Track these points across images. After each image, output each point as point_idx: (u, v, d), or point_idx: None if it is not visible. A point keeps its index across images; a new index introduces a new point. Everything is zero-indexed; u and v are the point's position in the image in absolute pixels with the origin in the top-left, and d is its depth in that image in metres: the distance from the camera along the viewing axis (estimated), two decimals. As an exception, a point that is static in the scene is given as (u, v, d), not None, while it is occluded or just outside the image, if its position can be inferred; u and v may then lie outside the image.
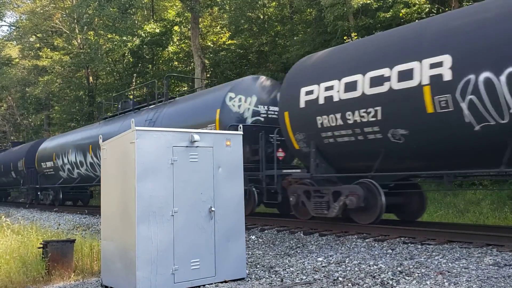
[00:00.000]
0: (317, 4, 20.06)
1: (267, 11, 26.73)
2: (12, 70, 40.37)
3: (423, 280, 5.22)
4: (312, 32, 21.60)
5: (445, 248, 7.03)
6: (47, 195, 23.09)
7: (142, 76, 30.14)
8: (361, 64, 8.73)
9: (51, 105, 40.17)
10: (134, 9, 26.45)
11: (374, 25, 17.68)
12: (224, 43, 28.99)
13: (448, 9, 16.85)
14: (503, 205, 11.47)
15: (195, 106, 12.74)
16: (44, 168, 22.51)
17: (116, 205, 5.97)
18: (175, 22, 28.97)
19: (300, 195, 9.87)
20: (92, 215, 16.85)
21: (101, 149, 6.49)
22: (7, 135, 47.78)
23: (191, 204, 5.80)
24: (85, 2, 24.76)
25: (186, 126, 11.44)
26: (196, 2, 23.02)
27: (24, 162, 24.63)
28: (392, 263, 6.18)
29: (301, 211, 10.18)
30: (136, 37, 26.73)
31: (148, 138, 5.57)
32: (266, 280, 5.89)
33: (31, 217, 18.21)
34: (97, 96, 32.92)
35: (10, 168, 26.93)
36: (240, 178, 6.28)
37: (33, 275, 6.87)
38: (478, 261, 6.02)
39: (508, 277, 5.09)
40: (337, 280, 5.57)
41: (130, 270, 5.46)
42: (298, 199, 9.91)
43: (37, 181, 23.45)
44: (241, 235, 6.20)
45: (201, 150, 5.94)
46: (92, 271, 7.30)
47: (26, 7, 39.46)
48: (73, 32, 34.05)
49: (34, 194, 24.38)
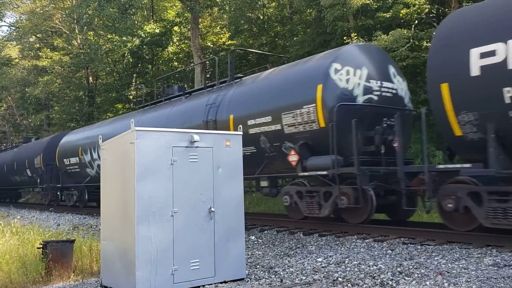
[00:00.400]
0: (317, 5, 20.07)
1: (267, 11, 26.74)
2: (12, 70, 40.36)
3: (422, 280, 5.22)
4: (312, 32, 21.60)
5: (445, 248, 7.03)
6: (70, 195, 20.44)
7: (142, 77, 30.14)
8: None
9: (51, 105, 40.18)
10: (134, 10, 26.45)
11: (374, 25, 17.70)
12: (224, 43, 29.00)
13: (448, 10, 16.86)
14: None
15: (283, 82, 10.17)
16: (67, 165, 19.78)
17: (116, 205, 5.97)
18: (175, 22, 28.98)
19: (462, 198, 7.28)
20: (92, 215, 16.85)
21: (101, 149, 6.50)
22: (7, 135, 47.76)
23: (190, 204, 5.80)
24: (85, 2, 24.75)
25: (272, 109, 10.07)
26: (196, 3, 23.02)
27: (42, 159, 22.06)
28: (391, 263, 6.18)
29: (462, 219, 7.61)
30: (136, 37, 26.74)
31: (148, 138, 5.57)
32: (266, 280, 5.89)
33: (30, 217, 18.20)
34: (96, 97, 32.92)
35: (25, 165, 24.26)
36: (240, 178, 6.28)
37: (32, 275, 6.86)
38: (478, 261, 6.02)
39: (508, 278, 5.09)
40: (336, 280, 5.57)
41: (130, 270, 5.46)
42: (458, 203, 7.31)
43: (59, 180, 20.75)
44: (241, 236, 6.20)
45: (201, 150, 5.94)
46: (92, 271, 7.30)
47: (26, 7, 39.45)
48: (73, 32, 34.05)
49: (54, 194, 21.89)
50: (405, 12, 16.48)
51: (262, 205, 17.20)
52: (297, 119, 9.54)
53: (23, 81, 39.60)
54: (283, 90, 10.03)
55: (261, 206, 17.15)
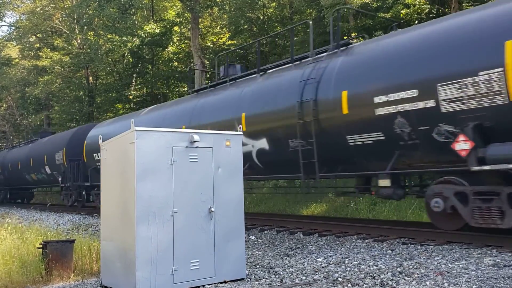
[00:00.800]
0: (317, 5, 20.07)
1: (267, 11, 26.73)
2: (12, 70, 40.40)
3: (422, 280, 5.22)
4: (312, 32, 21.57)
5: (445, 248, 7.03)
6: (100, 195, 17.79)
7: (142, 77, 30.15)
8: None
9: (50, 105, 40.18)
10: (134, 9, 26.46)
11: (374, 26, 17.70)
12: (224, 43, 29.00)
13: (448, 10, 16.86)
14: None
15: (440, 40, 7.29)
16: (98, 160, 16.89)
17: (116, 205, 5.97)
18: (175, 22, 28.99)
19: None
20: (92, 215, 16.84)
21: (101, 149, 6.50)
22: (7, 135, 47.77)
23: (190, 204, 5.80)
24: (85, 2, 24.77)
25: (419, 80, 7.35)
26: (196, 3, 23.03)
27: (65, 154, 19.68)
28: (391, 263, 6.18)
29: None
30: (136, 37, 26.74)
31: (148, 138, 5.57)
32: (266, 280, 5.89)
33: (30, 217, 18.20)
34: (96, 96, 32.93)
35: (43, 162, 21.59)
36: (240, 178, 6.28)
37: (32, 275, 6.87)
38: (478, 261, 6.03)
39: (508, 278, 5.09)
40: (336, 280, 5.57)
41: (130, 270, 5.46)
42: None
43: (88, 177, 18.34)
44: (241, 236, 6.20)
45: (201, 150, 5.94)
46: (92, 271, 7.30)
47: (26, 7, 39.48)
48: (73, 32, 34.06)
49: (79, 194, 19.57)
50: (405, 12, 16.48)
51: (262, 205, 17.21)
52: (467, 91, 6.82)
53: (23, 81, 39.63)
54: (440, 51, 7.23)
55: (261, 206, 17.15)
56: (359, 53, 8.71)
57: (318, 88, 8.96)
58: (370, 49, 8.57)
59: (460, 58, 6.95)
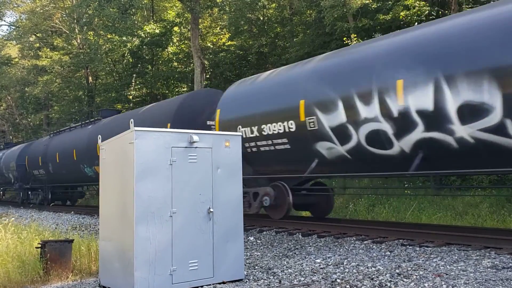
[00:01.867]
0: (317, 6, 20.08)
1: (267, 12, 26.74)
2: (12, 70, 40.34)
3: (421, 282, 5.23)
4: (312, 33, 21.62)
5: (443, 250, 7.04)
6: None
7: (142, 77, 30.14)
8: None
9: (50, 105, 40.16)
10: (134, 10, 26.45)
11: (374, 26, 17.71)
12: (224, 44, 29.01)
13: (448, 12, 16.87)
14: (501, 208, 11.47)
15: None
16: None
17: (115, 206, 5.97)
18: (175, 22, 28.99)
19: None
20: (90, 215, 16.83)
21: (100, 149, 6.49)
22: (6, 135, 47.75)
23: (189, 205, 5.80)
24: (85, 2, 24.75)
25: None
26: (196, 3, 23.03)
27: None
28: (390, 265, 6.19)
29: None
30: (135, 37, 26.73)
31: (147, 138, 5.58)
32: (264, 281, 5.89)
33: (29, 216, 18.18)
34: (96, 96, 32.92)
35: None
36: (239, 179, 6.28)
37: (31, 275, 6.86)
38: (476, 263, 6.03)
39: (506, 280, 5.10)
40: (335, 282, 5.57)
41: (128, 270, 5.46)
42: None
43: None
44: (240, 236, 6.20)
45: (200, 151, 5.94)
46: (90, 271, 7.30)
47: (26, 7, 39.44)
48: (72, 32, 34.05)
49: None
50: (404, 14, 16.48)
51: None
52: None
53: (23, 80, 39.59)
54: None
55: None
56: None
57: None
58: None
59: None
